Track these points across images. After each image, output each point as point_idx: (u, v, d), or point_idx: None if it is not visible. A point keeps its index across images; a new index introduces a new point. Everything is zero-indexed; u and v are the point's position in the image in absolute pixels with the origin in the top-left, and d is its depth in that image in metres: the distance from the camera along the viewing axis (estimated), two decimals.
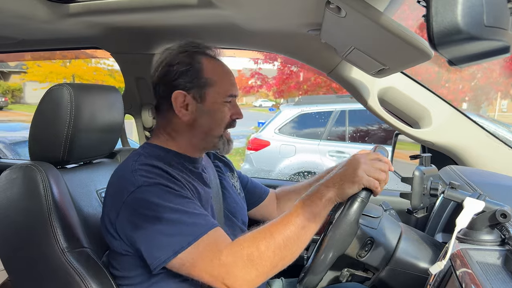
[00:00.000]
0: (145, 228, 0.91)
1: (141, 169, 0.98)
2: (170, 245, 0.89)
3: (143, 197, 0.93)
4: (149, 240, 0.91)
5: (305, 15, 1.26)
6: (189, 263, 0.89)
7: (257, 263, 0.87)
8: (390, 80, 1.48)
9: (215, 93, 1.09)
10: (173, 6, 1.34)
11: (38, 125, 1.20)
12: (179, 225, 0.90)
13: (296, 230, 0.91)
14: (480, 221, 0.80)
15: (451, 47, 0.47)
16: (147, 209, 0.91)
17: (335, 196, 0.94)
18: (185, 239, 0.89)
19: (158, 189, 0.94)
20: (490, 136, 1.48)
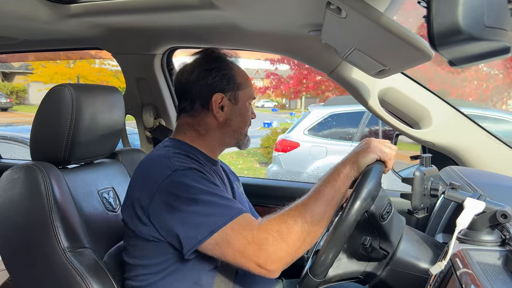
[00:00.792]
0: (182, 209, 0.94)
1: (175, 156, 1.03)
2: (207, 225, 0.92)
3: (180, 180, 0.97)
4: (186, 221, 0.94)
5: (305, 16, 1.26)
6: (223, 243, 0.91)
7: (286, 238, 0.90)
8: (390, 80, 1.48)
9: (245, 95, 1.20)
10: (174, 7, 1.34)
11: (39, 125, 1.20)
12: (215, 206, 0.94)
13: (320, 205, 0.94)
14: (481, 221, 0.80)
15: (452, 48, 0.47)
16: (184, 191, 0.95)
17: (351, 170, 0.97)
18: (220, 219, 0.92)
19: (192, 173, 0.99)
20: (490, 136, 1.48)
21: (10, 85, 20.91)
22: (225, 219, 0.92)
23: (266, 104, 30.75)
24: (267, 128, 15.36)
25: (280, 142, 5.47)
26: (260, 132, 14.45)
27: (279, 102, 32.45)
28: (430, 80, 8.81)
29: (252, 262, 0.90)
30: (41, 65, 13.30)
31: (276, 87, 12.44)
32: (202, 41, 1.68)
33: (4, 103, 18.28)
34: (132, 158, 1.53)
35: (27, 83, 19.48)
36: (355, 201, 0.89)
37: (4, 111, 17.78)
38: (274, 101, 32.09)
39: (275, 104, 31.16)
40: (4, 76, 21.90)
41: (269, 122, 15.73)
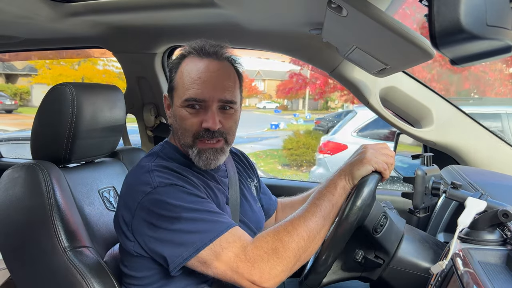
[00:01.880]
0: (165, 228, 0.90)
1: (156, 170, 0.98)
2: (192, 243, 0.88)
3: (160, 198, 0.92)
4: (170, 240, 0.90)
5: (306, 15, 1.26)
6: (212, 260, 0.88)
7: (281, 256, 0.87)
8: (391, 79, 1.48)
9: (178, 96, 1.05)
10: (175, 5, 1.34)
11: (40, 124, 1.20)
12: (200, 222, 0.90)
13: (317, 221, 0.92)
14: (482, 221, 0.79)
15: (453, 47, 0.46)
16: (164, 209, 0.91)
17: (347, 183, 0.95)
18: (207, 236, 0.88)
19: (174, 189, 0.94)
20: (492, 135, 1.48)
21: (14, 87, 20.90)
22: (211, 236, 0.88)
23: (268, 105, 30.76)
24: (274, 129, 15.39)
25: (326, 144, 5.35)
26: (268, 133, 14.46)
27: (280, 103, 32.46)
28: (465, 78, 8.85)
29: (245, 279, 0.87)
30: (45, 67, 13.31)
31: (300, 88, 12.59)
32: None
33: (8, 105, 18.25)
34: (132, 157, 1.53)
35: (31, 85, 19.45)
36: (348, 217, 0.89)
37: (8, 113, 17.77)
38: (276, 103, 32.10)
39: (276, 105, 31.16)
40: (7, 77, 21.91)
41: (276, 123, 15.75)
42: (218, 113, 1.02)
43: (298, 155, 8.64)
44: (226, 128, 1.04)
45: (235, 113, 1.06)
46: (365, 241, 0.98)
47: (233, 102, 1.04)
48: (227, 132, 1.04)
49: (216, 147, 1.03)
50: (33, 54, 2.24)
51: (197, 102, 1.01)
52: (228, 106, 1.03)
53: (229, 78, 1.05)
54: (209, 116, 1.00)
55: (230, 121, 1.04)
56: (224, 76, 1.03)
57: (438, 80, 9.12)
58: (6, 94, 19.18)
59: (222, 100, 1.02)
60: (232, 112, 1.05)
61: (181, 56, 1.07)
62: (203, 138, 1.02)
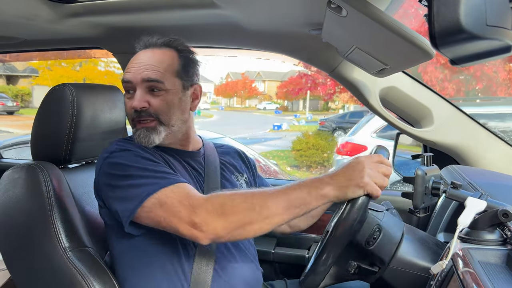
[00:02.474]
0: (118, 186, 0.98)
1: (118, 140, 1.09)
2: (138, 194, 0.94)
3: (114, 161, 1.01)
4: (120, 196, 0.97)
5: (306, 15, 1.26)
6: (155, 208, 0.92)
7: (226, 212, 0.88)
8: (391, 79, 1.48)
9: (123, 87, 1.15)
10: (175, 6, 1.34)
11: (40, 124, 1.20)
12: (147, 178, 0.96)
13: (279, 206, 0.90)
14: (482, 220, 0.80)
15: (453, 47, 0.46)
16: (118, 170, 0.99)
17: (333, 196, 0.91)
18: (152, 187, 0.94)
19: (129, 154, 1.02)
20: (492, 135, 1.48)
21: (15, 89, 20.89)
22: (156, 187, 0.93)
23: (268, 106, 30.80)
24: (277, 130, 15.42)
25: (344, 145, 5.29)
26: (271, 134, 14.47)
27: (280, 104, 32.54)
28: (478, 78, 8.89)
29: (185, 222, 0.89)
30: (46, 68, 13.28)
31: (311, 88, 12.67)
32: (202, 41, 1.68)
33: (10, 106, 18.23)
34: None
35: (32, 86, 19.41)
36: (355, 205, 0.89)
37: (10, 115, 17.75)
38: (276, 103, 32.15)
39: (277, 106, 31.21)
40: (8, 79, 21.90)
41: (278, 124, 15.78)
42: (146, 95, 1.07)
43: (308, 156, 8.58)
44: (155, 108, 1.07)
45: (166, 94, 1.08)
46: (358, 253, 0.98)
47: (158, 81, 1.07)
48: (158, 113, 1.08)
49: (147, 126, 1.08)
50: (33, 55, 2.24)
51: (127, 84, 1.09)
52: (155, 88, 1.07)
53: (159, 61, 1.09)
54: (134, 97, 1.07)
55: (159, 102, 1.08)
56: (151, 59, 1.10)
57: (450, 80, 9.15)
58: (7, 95, 19.17)
59: (145, 79, 1.06)
60: (162, 93, 1.08)
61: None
62: (136, 119, 1.09)
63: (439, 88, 9.15)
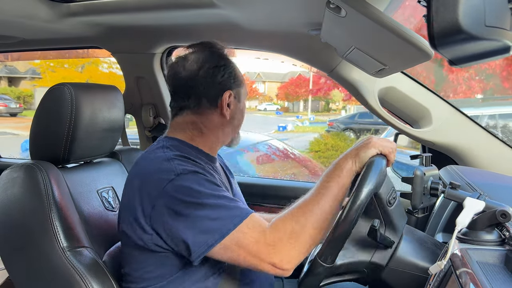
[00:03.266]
0: (188, 215, 0.90)
1: (176, 159, 0.99)
2: (216, 229, 0.89)
3: (184, 184, 0.93)
4: (194, 227, 0.90)
5: (305, 15, 1.26)
6: (233, 246, 0.90)
7: (299, 237, 0.90)
8: (390, 80, 1.48)
9: (245, 93, 1.19)
10: (174, 5, 1.34)
11: (39, 124, 1.20)
12: (222, 209, 0.91)
13: (328, 201, 0.94)
14: (480, 221, 0.80)
15: (452, 47, 0.47)
16: (189, 196, 0.91)
17: (353, 165, 0.97)
18: (230, 222, 0.90)
19: (196, 176, 0.95)
20: (490, 136, 1.48)
21: (17, 90, 20.82)
22: (235, 222, 0.90)
23: (269, 107, 30.72)
24: (282, 131, 15.41)
25: None
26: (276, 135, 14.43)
27: (281, 105, 32.46)
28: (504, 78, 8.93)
29: (266, 263, 0.89)
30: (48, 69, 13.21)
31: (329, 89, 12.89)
32: (200, 40, 1.67)
33: (13, 108, 18.15)
34: (131, 158, 1.53)
35: (35, 88, 19.33)
36: (362, 187, 0.88)
37: (13, 116, 17.67)
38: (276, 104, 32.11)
39: (277, 107, 31.17)
40: (9, 81, 21.85)
41: (283, 125, 15.78)
42: None
43: (326, 158, 8.40)
44: None
45: None
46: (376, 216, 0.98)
47: None
48: None
49: None
50: (35, 55, 2.23)
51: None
52: None
53: None
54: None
55: None
56: None
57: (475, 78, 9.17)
58: (10, 97, 19.12)
59: None
60: None
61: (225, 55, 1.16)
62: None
63: (465, 87, 9.18)
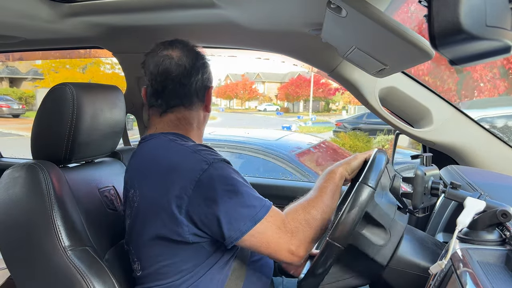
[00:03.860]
0: (225, 201, 0.94)
1: (201, 150, 1.01)
2: (250, 216, 0.95)
3: (219, 173, 0.96)
4: (229, 213, 0.94)
5: (306, 15, 1.27)
6: (260, 234, 0.96)
7: (312, 226, 1.00)
8: (391, 79, 1.48)
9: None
10: (175, 5, 1.34)
11: (40, 124, 1.20)
12: (252, 198, 0.98)
13: (329, 198, 1.05)
14: (481, 221, 0.80)
15: (453, 47, 0.47)
16: (224, 183, 0.95)
17: (345, 171, 1.10)
18: (261, 210, 0.96)
19: (226, 165, 1.00)
20: (491, 136, 1.48)
21: (19, 91, 20.81)
22: (264, 211, 0.97)
23: (268, 107, 30.76)
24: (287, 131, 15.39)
25: None
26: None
27: (281, 106, 32.50)
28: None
29: (284, 250, 0.96)
30: (51, 70, 13.20)
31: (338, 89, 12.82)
32: (202, 40, 1.68)
33: (16, 109, 18.12)
34: None
35: (36, 89, 19.30)
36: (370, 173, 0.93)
37: (15, 118, 17.65)
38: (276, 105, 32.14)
39: (277, 107, 31.20)
40: (11, 81, 21.84)
41: (288, 125, 15.80)
42: None
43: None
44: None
45: None
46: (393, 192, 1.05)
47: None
48: None
49: None
50: (36, 55, 2.24)
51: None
52: None
53: None
54: None
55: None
56: None
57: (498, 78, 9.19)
58: (12, 98, 19.10)
59: None
60: None
61: (204, 58, 1.20)
62: None
63: (490, 86, 9.19)
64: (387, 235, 1.00)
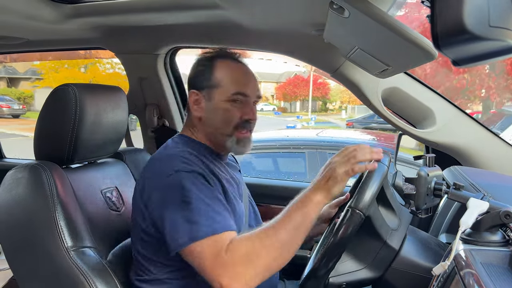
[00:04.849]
0: (173, 210, 0.97)
1: (180, 156, 1.06)
2: (189, 231, 0.94)
3: (179, 182, 0.99)
4: (173, 223, 0.96)
5: (308, 16, 1.27)
6: (196, 254, 0.93)
7: (253, 261, 0.91)
8: (394, 80, 1.48)
9: (222, 92, 1.16)
10: (178, 7, 1.34)
11: (43, 124, 1.20)
12: (202, 216, 0.95)
13: (289, 231, 0.94)
14: (484, 222, 0.79)
15: (456, 47, 0.46)
16: (179, 193, 0.98)
17: (324, 198, 0.96)
18: (202, 230, 0.93)
19: (193, 177, 1.01)
20: (494, 136, 1.48)
21: (18, 91, 20.81)
22: (207, 231, 0.93)
23: (265, 107, 30.65)
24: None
25: None
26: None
27: (277, 106, 32.39)
28: None
29: (216, 281, 0.90)
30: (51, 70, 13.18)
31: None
32: (205, 41, 1.68)
33: (16, 109, 18.12)
34: (135, 158, 1.53)
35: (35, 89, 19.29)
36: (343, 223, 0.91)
37: (16, 118, 17.65)
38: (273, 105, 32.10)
39: (274, 107, 31.15)
40: (9, 81, 21.86)
41: (292, 125, 15.79)
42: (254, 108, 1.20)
43: None
44: (256, 120, 1.20)
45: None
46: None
47: (261, 98, 1.23)
48: (255, 125, 1.20)
49: (250, 137, 1.19)
50: (34, 56, 2.24)
51: (241, 96, 1.15)
52: (256, 102, 1.21)
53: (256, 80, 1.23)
54: (250, 109, 1.17)
55: (256, 115, 1.20)
56: (255, 78, 1.22)
57: None
58: (13, 98, 19.11)
59: (257, 96, 1.21)
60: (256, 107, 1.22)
61: (211, 59, 1.20)
62: (242, 128, 1.16)
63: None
64: (398, 220, 1.03)
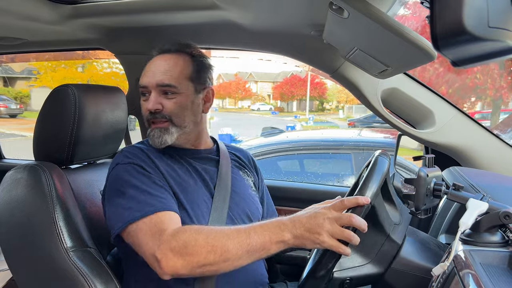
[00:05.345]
0: (112, 200, 1.05)
1: (125, 151, 1.13)
2: (123, 217, 1.00)
3: (117, 174, 1.07)
4: (112, 211, 1.04)
5: (308, 16, 1.27)
6: (134, 234, 0.98)
7: (188, 255, 0.90)
8: (393, 81, 1.48)
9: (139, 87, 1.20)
10: (177, 7, 1.34)
11: (42, 125, 1.20)
12: (135, 201, 1.01)
13: (238, 249, 0.90)
14: (484, 222, 0.80)
15: (455, 48, 0.46)
16: (117, 184, 1.06)
17: (292, 244, 0.91)
18: (134, 214, 0.98)
19: (130, 167, 1.07)
20: (493, 137, 1.48)
21: (14, 91, 20.77)
22: (140, 214, 0.98)
23: (262, 107, 30.67)
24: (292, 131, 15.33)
25: None
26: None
27: (274, 105, 32.44)
28: None
29: (150, 255, 0.93)
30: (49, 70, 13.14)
31: None
32: (204, 42, 1.68)
33: (13, 109, 18.09)
34: None
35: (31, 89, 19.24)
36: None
37: (13, 118, 17.62)
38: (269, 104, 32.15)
39: (270, 107, 31.18)
40: (5, 81, 21.80)
41: (292, 125, 15.78)
42: (160, 97, 1.14)
43: None
44: (168, 110, 1.13)
45: (179, 97, 1.14)
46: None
47: (171, 85, 1.13)
48: (171, 115, 1.14)
49: (160, 127, 1.14)
50: (30, 56, 2.23)
51: (143, 89, 1.16)
52: (168, 91, 1.13)
53: (172, 66, 1.15)
54: (149, 99, 1.14)
55: (172, 104, 1.14)
56: (165, 64, 1.15)
57: None
58: (10, 98, 19.08)
59: (159, 84, 1.13)
60: (175, 96, 1.14)
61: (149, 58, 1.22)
62: (151, 120, 1.15)
63: None
64: (399, 216, 1.04)
